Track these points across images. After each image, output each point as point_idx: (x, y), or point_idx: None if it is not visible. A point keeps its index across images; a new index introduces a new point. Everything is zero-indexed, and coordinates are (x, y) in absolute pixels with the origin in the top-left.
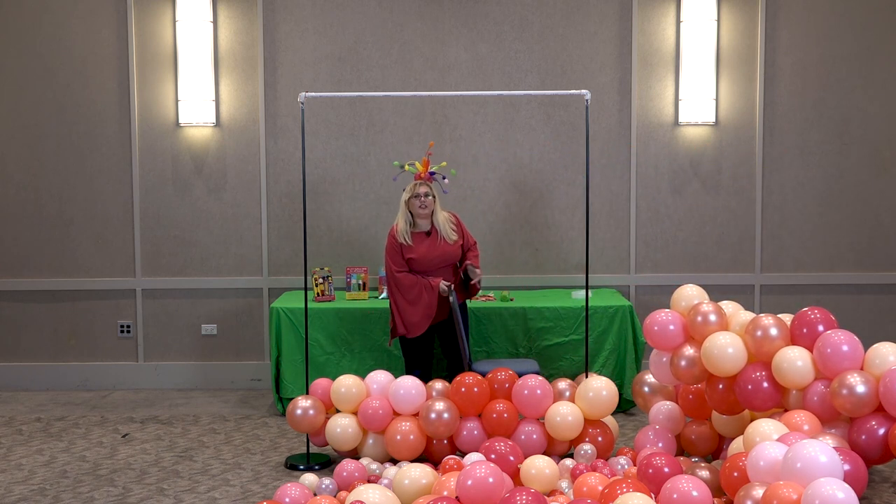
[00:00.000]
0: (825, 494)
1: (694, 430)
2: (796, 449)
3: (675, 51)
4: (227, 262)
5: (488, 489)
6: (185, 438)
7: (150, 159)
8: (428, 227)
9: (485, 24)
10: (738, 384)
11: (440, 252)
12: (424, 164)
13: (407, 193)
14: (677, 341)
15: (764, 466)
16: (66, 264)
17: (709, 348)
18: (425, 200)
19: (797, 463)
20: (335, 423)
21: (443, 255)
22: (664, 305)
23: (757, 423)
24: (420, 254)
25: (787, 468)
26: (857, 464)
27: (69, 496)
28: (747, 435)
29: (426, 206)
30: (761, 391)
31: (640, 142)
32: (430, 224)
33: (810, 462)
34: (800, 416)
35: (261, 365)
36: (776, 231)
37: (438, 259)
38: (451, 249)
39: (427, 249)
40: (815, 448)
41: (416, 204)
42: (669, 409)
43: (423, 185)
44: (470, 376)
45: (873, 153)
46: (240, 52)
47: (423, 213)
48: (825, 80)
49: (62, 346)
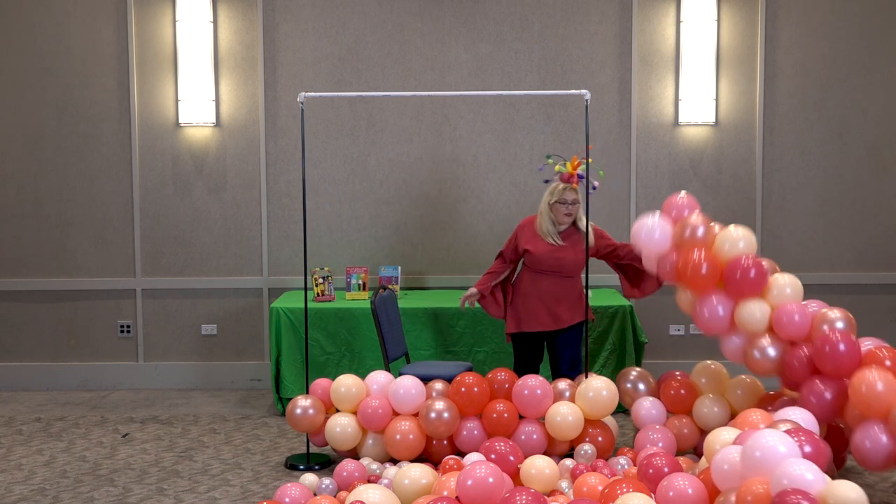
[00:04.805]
0: (793, 474)
1: (675, 425)
2: (753, 440)
3: (675, 51)
4: (227, 262)
5: (488, 489)
6: (185, 438)
7: (150, 159)
8: (563, 229)
9: (485, 24)
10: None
11: (562, 255)
12: (574, 164)
13: (552, 197)
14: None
15: (728, 470)
16: (66, 264)
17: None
18: (571, 208)
19: (756, 453)
20: (335, 422)
21: (562, 261)
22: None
23: (715, 433)
24: (538, 250)
25: (747, 461)
26: (818, 445)
27: (69, 496)
28: (707, 446)
29: (571, 214)
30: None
31: (640, 142)
32: (569, 227)
33: (769, 450)
34: (755, 416)
35: (261, 365)
36: (776, 231)
37: (556, 262)
38: (573, 258)
39: (550, 250)
40: (772, 436)
41: (562, 210)
42: (651, 404)
43: (573, 192)
44: (470, 376)
45: (873, 153)
46: (240, 52)
47: (567, 220)
48: (825, 80)
49: (62, 346)
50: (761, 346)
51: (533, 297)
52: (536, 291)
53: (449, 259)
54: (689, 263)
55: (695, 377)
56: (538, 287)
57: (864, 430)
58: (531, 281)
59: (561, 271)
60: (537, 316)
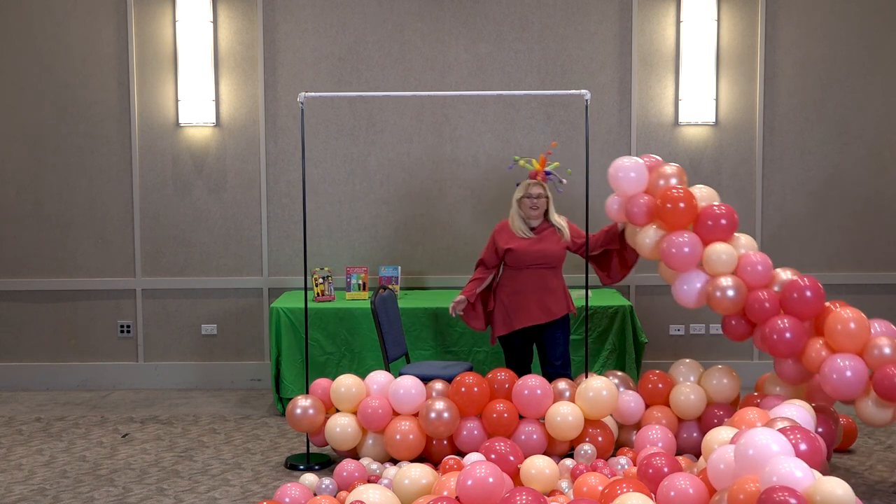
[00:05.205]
0: (782, 472)
1: (654, 416)
2: (746, 439)
3: (675, 51)
4: (227, 262)
5: (488, 489)
6: (185, 438)
7: (150, 159)
8: (535, 225)
9: (485, 24)
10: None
11: (542, 248)
12: (541, 161)
13: (519, 192)
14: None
15: (724, 469)
16: (66, 264)
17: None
18: (537, 202)
19: (749, 451)
20: (335, 422)
21: (543, 252)
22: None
23: (713, 432)
24: (519, 246)
25: (741, 460)
26: (813, 443)
27: (69, 496)
28: (705, 446)
29: (537, 208)
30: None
31: (640, 142)
32: (542, 222)
33: (762, 449)
34: (752, 414)
35: (261, 365)
36: (776, 231)
37: (537, 254)
38: (555, 248)
39: (529, 243)
40: (765, 435)
41: (528, 204)
42: (631, 398)
43: (538, 186)
44: (470, 376)
45: (873, 153)
46: (240, 52)
47: (534, 214)
48: (825, 80)
49: (62, 346)
50: (723, 286)
51: (521, 293)
52: (524, 287)
53: (449, 259)
54: (668, 199)
55: (672, 371)
56: (525, 282)
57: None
58: (516, 278)
59: (545, 263)
60: (528, 311)
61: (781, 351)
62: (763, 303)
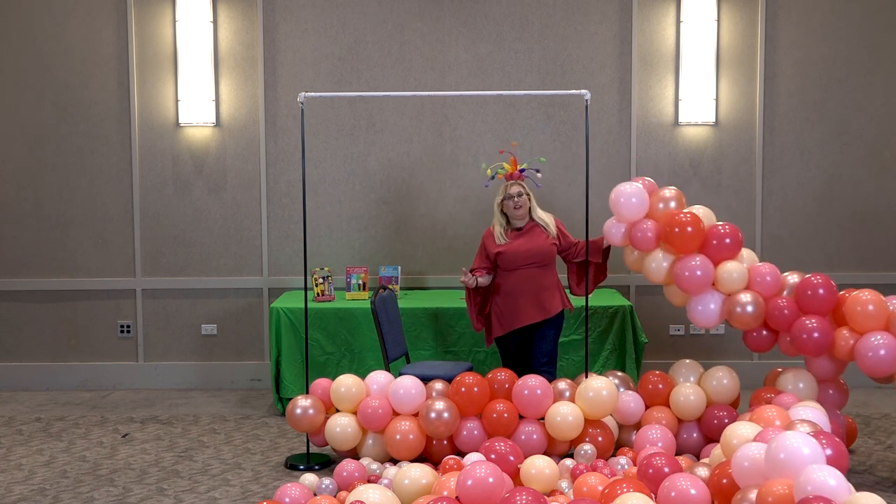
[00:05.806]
0: (817, 480)
1: (654, 416)
2: (778, 441)
3: (675, 51)
4: (227, 262)
5: (488, 489)
6: (185, 438)
7: (150, 159)
8: (521, 225)
9: (485, 24)
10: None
11: (531, 246)
12: (513, 163)
13: (499, 196)
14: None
15: (749, 467)
16: (66, 264)
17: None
18: (519, 200)
19: (780, 454)
20: (335, 422)
21: (532, 251)
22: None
23: (733, 427)
24: (510, 247)
25: (771, 462)
26: (839, 448)
27: (69, 496)
28: (725, 441)
29: (521, 206)
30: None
31: (640, 142)
32: (527, 222)
33: (794, 452)
34: (771, 412)
35: (261, 365)
36: (776, 231)
37: (527, 253)
38: (544, 245)
39: (518, 243)
40: (797, 439)
41: (511, 205)
42: (631, 398)
43: (515, 185)
44: (470, 376)
45: (873, 153)
46: (240, 52)
47: (519, 214)
48: (825, 80)
49: (62, 346)
50: (742, 303)
51: (516, 293)
52: (519, 286)
53: (449, 259)
54: (676, 223)
55: (672, 372)
56: (520, 282)
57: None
58: (510, 279)
59: (536, 261)
60: (524, 310)
61: (813, 350)
62: (783, 310)
